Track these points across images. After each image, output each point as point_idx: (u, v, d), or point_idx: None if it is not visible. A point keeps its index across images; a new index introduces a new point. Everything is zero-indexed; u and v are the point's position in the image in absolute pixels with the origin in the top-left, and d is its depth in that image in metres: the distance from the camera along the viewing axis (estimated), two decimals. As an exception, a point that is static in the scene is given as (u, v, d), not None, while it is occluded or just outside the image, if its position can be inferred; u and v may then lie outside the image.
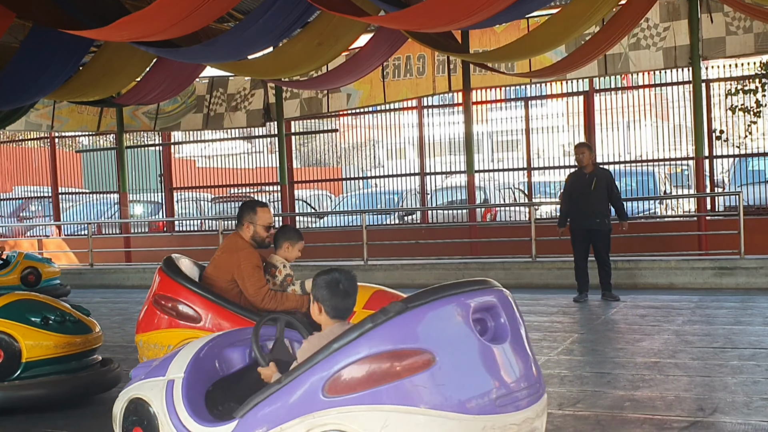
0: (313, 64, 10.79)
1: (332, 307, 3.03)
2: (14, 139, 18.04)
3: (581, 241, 8.92)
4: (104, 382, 5.44)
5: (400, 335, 2.69)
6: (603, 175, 8.83)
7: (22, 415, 5.00)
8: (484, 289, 2.95)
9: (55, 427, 4.81)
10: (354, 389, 2.65)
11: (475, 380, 2.71)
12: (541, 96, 13.51)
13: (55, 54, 8.87)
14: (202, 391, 3.24)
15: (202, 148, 18.17)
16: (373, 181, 17.32)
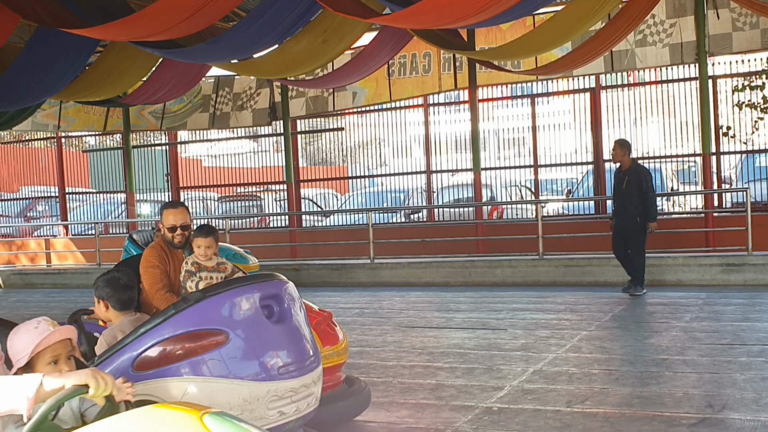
0: (317, 62, 10.77)
1: (117, 301, 3.48)
2: (21, 140, 18.09)
3: (616, 236, 9.16)
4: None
5: (200, 319, 3.21)
6: (636, 173, 8.98)
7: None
8: (271, 282, 3.53)
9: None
10: (159, 365, 3.14)
11: (261, 353, 3.29)
12: (548, 93, 13.46)
13: (60, 54, 8.87)
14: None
15: (209, 148, 18.19)
16: (379, 180, 17.31)
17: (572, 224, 12.38)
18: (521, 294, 9.71)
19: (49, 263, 15.58)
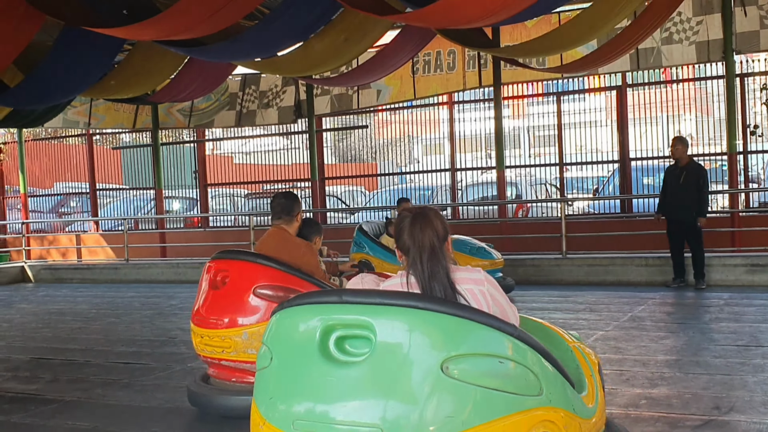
0: (340, 60, 10.83)
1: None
2: (54, 136, 18.41)
3: (672, 232, 9.50)
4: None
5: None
6: (694, 170, 9.29)
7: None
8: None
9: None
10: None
11: None
12: (573, 91, 13.37)
13: (87, 52, 9.00)
14: None
15: (240, 145, 18.34)
16: (409, 177, 17.35)
17: (597, 223, 12.30)
18: (542, 293, 9.68)
19: (80, 258, 15.84)
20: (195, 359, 6.58)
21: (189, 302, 10.52)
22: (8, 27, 7.43)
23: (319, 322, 2.39)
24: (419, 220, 2.73)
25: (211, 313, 4.77)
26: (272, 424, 2.41)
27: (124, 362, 6.69)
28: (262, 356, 2.56)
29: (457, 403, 2.23)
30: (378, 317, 2.32)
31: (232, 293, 4.75)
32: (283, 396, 2.43)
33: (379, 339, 2.30)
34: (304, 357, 2.40)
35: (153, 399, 5.34)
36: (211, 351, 4.75)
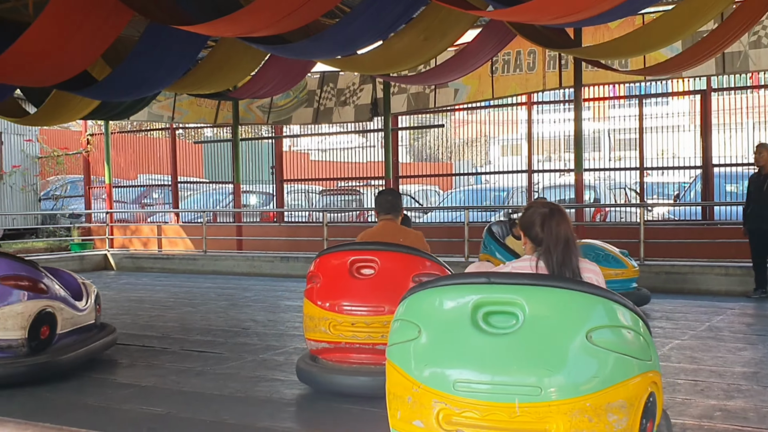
0: (419, 59, 10.82)
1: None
2: (139, 129, 18.98)
3: (755, 241, 9.19)
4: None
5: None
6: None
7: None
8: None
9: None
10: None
11: None
12: (656, 94, 13.05)
13: (172, 48, 9.23)
14: None
15: (317, 142, 18.56)
16: (484, 178, 17.25)
17: (677, 230, 11.98)
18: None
19: (160, 248, 16.29)
20: (267, 351, 6.71)
21: (263, 295, 10.74)
22: (97, 22, 7.69)
23: (469, 300, 2.80)
24: (556, 214, 3.18)
25: (366, 301, 5.03)
26: (430, 387, 2.78)
27: (198, 351, 6.86)
28: (404, 329, 2.93)
29: (599, 366, 2.67)
30: (528, 295, 2.75)
31: (389, 282, 5.02)
32: (439, 362, 2.80)
33: (528, 313, 2.72)
34: (456, 329, 2.80)
35: (225, 387, 5.46)
36: (366, 336, 4.99)
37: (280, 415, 4.76)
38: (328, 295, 5.15)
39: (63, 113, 11.71)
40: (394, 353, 2.98)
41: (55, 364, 5.88)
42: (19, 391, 5.51)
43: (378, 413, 4.73)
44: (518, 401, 2.67)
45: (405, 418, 2.90)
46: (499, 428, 2.68)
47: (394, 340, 2.99)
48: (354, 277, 5.12)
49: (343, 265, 5.16)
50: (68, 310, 6.24)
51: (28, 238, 17.49)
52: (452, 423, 2.75)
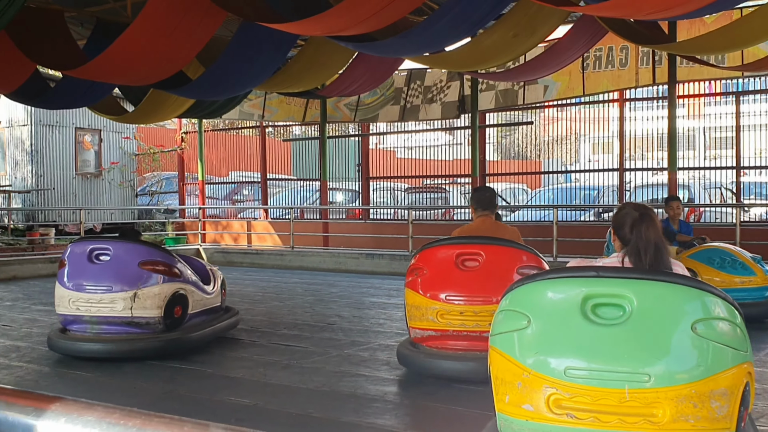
0: (508, 56, 10.71)
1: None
2: (231, 127, 19.44)
3: None
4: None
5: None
6: None
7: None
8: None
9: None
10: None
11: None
12: (754, 91, 12.54)
13: (263, 47, 9.42)
14: None
15: (404, 139, 18.60)
16: (574, 176, 16.94)
17: (777, 231, 11.48)
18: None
19: (250, 244, 16.64)
20: (352, 346, 6.76)
21: (348, 291, 10.83)
22: (193, 22, 7.90)
23: (579, 292, 2.98)
24: (646, 219, 3.35)
25: (473, 291, 5.34)
26: (541, 373, 2.96)
27: (285, 344, 6.96)
28: (511, 319, 3.12)
29: (703, 355, 2.84)
30: (636, 289, 2.94)
31: (495, 273, 5.35)
32: (550, 350, 2.99)
33: (636, 306, 2.89)
34: (566, 320, 2.98)
35: (310, 381, 5.53)
36: (475, 324, 5.30)
37: (363, 410, 4.79)
38: (435, 286, 5.43)
39: (159, 112, 12.09)
40: (500, 341, 3.15)
41: (186, 341, 6.58)
42: (113, 380, 5.72)
43: (455, 411, 4.70)
44: (628, 387, 2.85)
45: (514, 402, 3.06)
46: (608, 413, 2.87)
47: (501, 329, 3.17)
48: (460, 269, 5.41)
49: (449, 258, 5.46)
50: (198, 293, 6.89)
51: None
52: (562, 407, 2.93)
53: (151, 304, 6.39)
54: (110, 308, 6.33)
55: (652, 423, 2.86)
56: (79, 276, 6.46)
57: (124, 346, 6.34)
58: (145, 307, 6.36)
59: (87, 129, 18.10)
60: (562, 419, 2.95)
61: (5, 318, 8.66)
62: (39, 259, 13.81)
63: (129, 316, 6.35)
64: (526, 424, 3.04)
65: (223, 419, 4.56)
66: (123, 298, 6.32)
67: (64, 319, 6.57)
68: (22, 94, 10.26)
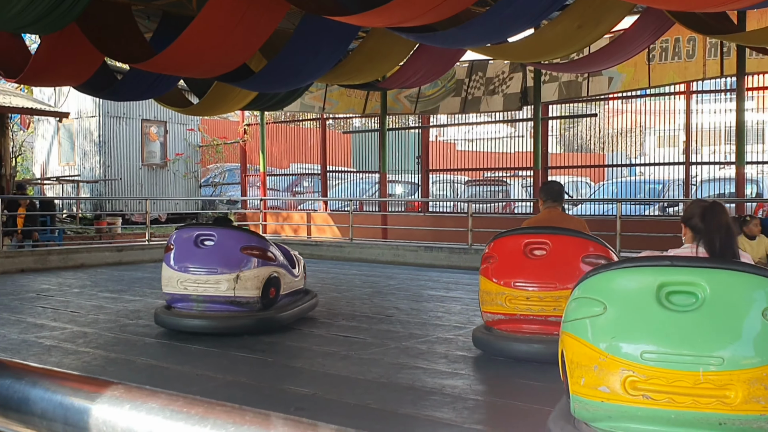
0: (572, 47, 10.53)
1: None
2: (292, 120, 19.62)
3: None
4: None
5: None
6: None
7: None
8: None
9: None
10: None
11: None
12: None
13: (325, 39, 9.47)
14: None
15: (465, 131, 18.50)
16: (638, 169, 16.62)
17: None
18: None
19: (309, 235, 16.78)
20: (410, 339, 6.76)
21: (406, 283, 10.84)
22: (256, 15, 7.99)
23: (654, 280, 3.18)
24: (716, 206, 3.64)
25: (539, 278, 5.69)
26: (617, 357, 3.17)
27: (343, 335, 7.01)
28: (586, 306, 3.33)
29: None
30: (709, 277, 3.13)
31: (560, 262, 5.67)
32: (626, 335, 3.20)
33: (709, 293, 3.08)
34: (642, 306, 3.18)
35: (369, 372, 5.55)
36: (540, 309, 5.66)
37: (421, 402, 4.78)
38: (505, 273, 5.80)
39: (223, 104, 12.28)
40: (574, 327, 3.36)
41: (278, 319, 7.24)
42: (178, 367, 5.84)
43: (514, 406, 4.66)
44: (702, 370, 3.05)
45: (590, 384, 3.26)
46: (683, 394, 3.07)
47: (575, 315, 3.39)
48: (528, 257, 5.76)
49: (518, 247, 5.81)
50: (288, 276, 7.61)
51: (188, 222, 18.51)
52: (638, 389, 3.13)
53: (251, 285, 7.04)
54: (215, 288, 6.97)
55: (724, 404, 3.03)
56: (185, 259, 7.06)
57: (225, 322, 6.97)
58: (245, 287, 7.01)
59: (153, 121, 18.49)
60: (638, 400, 3.14)
61: (73, 304, 8.91)
62: (106, 247, 14.17)
63: (232, 296, 6.99)
64: (602, 405, 3.23)
65: (282, 408, 4.62)
66: (227, 280, 6.95)
67: (171, 297, 7.16)
68: (90, 86, 10.54)
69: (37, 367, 0.76)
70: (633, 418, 3.19)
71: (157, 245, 14.60)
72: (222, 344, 6.58)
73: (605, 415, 3.26)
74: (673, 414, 3.12)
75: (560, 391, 4.24)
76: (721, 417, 3.06)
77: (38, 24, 7.77)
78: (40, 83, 13.45)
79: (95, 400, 0.68)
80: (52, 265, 12.72)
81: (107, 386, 0.68)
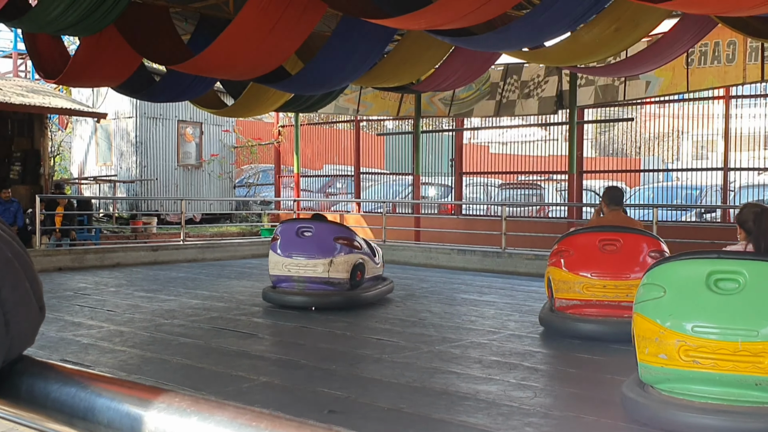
0: (610, 51, 10.43)
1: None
2: (326, 121, 19.69)
3: None
4: None
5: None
6: None
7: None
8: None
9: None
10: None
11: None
12: None
13: (361, 42, 9.49)
14: None
15: (499, 135, 18.43)
16: (675, 175, 16.43)
17: None
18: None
19: (342, 236, 16.79)
20: (443, 342, 6.75)
21: (439, 286, 10.81)
22: (293, 18, 8.03)
23: (705, 269, 4.04)
24: (766, 212, 4.37)
25: (612, 270, 6.76)
26: (673, 330, 4.06)
27: (376, 338, 7.01)
28: (651, 290, 4.23)
29: None
30: (749, 267, 3.98)
31: (631, 256, 6.77)
32: (680, 314, 4.07)
33: (748, 280, 3.91)
34: (694, 290, 4.05)
35: (402, 376, 5.54)
36: (615, 295, 6.72)
37: (455, 408, 4.77)
38: (582, 265, 6.83)
39: (258, 105, 12.35)
40: (642, 308, 4.27)
41: (362, 298, 8.75)
42: (212, 366, 5.88)
43: (550, 415, 4.62)
44: (741, 341, 3.85)
45: (652, 353, 4.16)
46: (725, 359, 3.88)
47: (643, 298, 4.29)
48: (602, 251, 6.81)
49: (593, 243, 6.87)
50: (371, 263, 9.11)
51: (222, 222, 18.66)
52: (689, 355, 3.99)
53: (342, 269, 8.56)
54: (313, 270, 8.49)
55: (759, 368, 3.83)
56: (289, 247, 8.56)
57: (321, 299, 8.48)
58: (338, 270, 8.53)
59: (189, 122, 18.67)
60: (690, 364, 4.00)
61: (109, 303, 9.03)
62: (141, 246, 14.33)
63: (327, 277, 8.50)
64: (661, 369, 4.14)
65: (316, 411, 4.63)
66: (323, 264, 8.46)
67: (276, 278, 8.71)
68: (128, 87, 10.67)
69: (103, 375, 0.76)
70: (686, 380, 4.05)
71: (191, 245, 14.73)
72: (256, 346, 6.61)
73: (664, 378, 4.16)
74: (717, 376, 3.93)
75: (595, 399, 4.36)
76: (757, 379, 3.84)
77: (78, 26, 7.88)
78: (78, 84, 13.64)
79: (162, 411, 0.69)
80: (89, 264, 12.89)
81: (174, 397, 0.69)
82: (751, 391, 3.89)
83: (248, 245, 15.91)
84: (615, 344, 6.48)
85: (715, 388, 3.95)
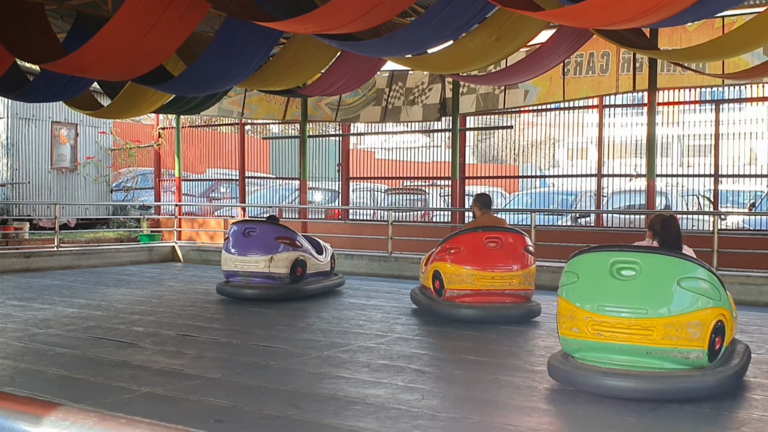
0: (490, 60, 10.70)
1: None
2: (209, 124, 19.28)
3: None
4: None
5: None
6: None
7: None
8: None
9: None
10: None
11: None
12: (732, 99, 12.65)
13: (246, 44, 9.36)
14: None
15: (383, 140, 18.57)
16: (550, 181, 17.00)
17: (751, 240, 11.60)
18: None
19: (226, 242, 16.49)
20: (331, 348, 6.71)
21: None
22: (174, 17, 7.82)
23: (609, 259, 4.99)
24: (672, 219, 5.61)
25: (498, 263, 8.08)
26: (583, 308, 5.03)
27: (263, 345, 6.90)
28: (569, 277, 5.22)
29: (684, 300, 4.86)
30: (643, 258, 4.93)
31: (511, 251, 8.16)
32: (589, 296, 5.05)
33: (643, 268, 4.88)
34: (599, 277, 5.02)
35: (290, 383, 5.47)
36: (501, 285, 8.08)
37: (344, 413, 4.75)
38: (473, 260, 8.14)
39: (136, 106, 11.97)
40: (561, 291, 5.26)
41: (303, 291, 9.85)
42: (91, 378, 5.63)
43: (437, 417, 4.67)
44: (634, 317, 4.84)
45: (568, 327, 5.14)
46: (621, 332, 4.88)
47: (563, 283, 5.27)
48: (488, 247, 8.13)
49: (480, 240, 8.18)
50: (313, 260, 10.16)
51: (99, 227, 17.94)
52: (595, 329, 4.97)
53: (282, 264, 9.62)
54: (255, 266, 9.58)
55: (649, 339, 4.81)
56: (237, 245, 9.70)
57: (265, 292, 9.56)
58: (278, 266, 9.62)
59: (63, 123, 17.87)
60: (595, 336, 4.97)
61: (-23, 313, 8.51)
62: (13, 253, 13.61)
63: (268, 272, 9.59)
64: (575, 341, 5.12)
65: (202, 421, 4.51)
66: (264, 260, 9.55)
67: (227, 273, 9.82)
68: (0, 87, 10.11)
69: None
70: (593, 349, 5.02)
71: (66, 251, 14.11)
72: (137, 356, 6.39)
73: (578, 348, 5.12)
74: (617, 346, 4.90)
75: (480, 400, 4.38)
76: (648, 348, 4.82)
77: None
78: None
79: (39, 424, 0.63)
80: (-47, 272, 12.12)
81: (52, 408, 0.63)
82: (644, 358, 4.85)
83: (126, 251, 15.39)
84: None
85: (616, 356, 4.92)
